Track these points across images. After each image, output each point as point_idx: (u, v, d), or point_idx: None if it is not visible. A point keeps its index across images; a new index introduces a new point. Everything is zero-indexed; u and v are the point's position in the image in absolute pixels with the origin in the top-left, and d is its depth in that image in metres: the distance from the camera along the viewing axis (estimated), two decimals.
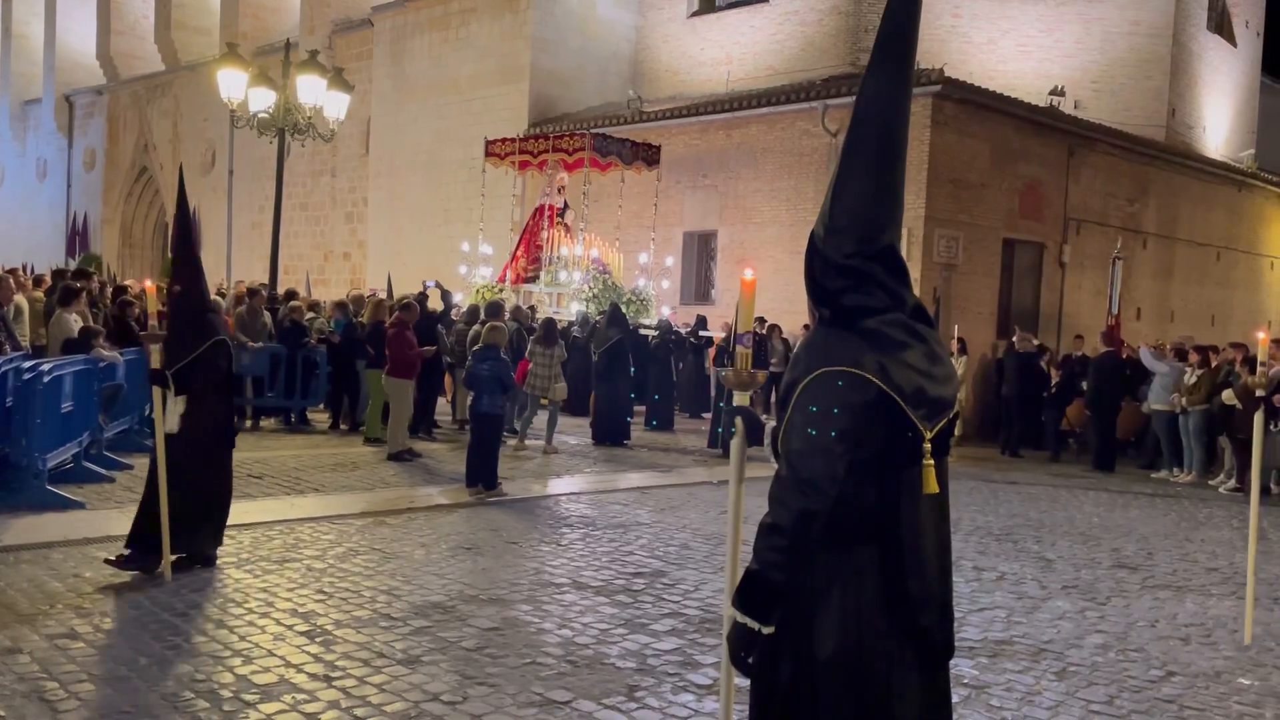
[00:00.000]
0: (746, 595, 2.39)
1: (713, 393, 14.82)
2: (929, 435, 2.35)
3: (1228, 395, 11.99)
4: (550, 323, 12.56)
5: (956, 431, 3.42)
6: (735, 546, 2.82)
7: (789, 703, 2.44)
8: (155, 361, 5.91)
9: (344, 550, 6.86)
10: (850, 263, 2.43)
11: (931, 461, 2.34)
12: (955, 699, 4.53)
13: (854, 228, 2.44)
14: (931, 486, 2.34)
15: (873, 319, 2.38)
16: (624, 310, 14.77)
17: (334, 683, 4.49)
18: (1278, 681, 5.19)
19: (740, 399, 2.77)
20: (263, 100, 14.55)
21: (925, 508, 2.37)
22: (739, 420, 2.70)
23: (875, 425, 2.30)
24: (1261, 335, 6.08)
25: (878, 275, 2.42)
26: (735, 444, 2.73)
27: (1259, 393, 6.06)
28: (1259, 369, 6.11)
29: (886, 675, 2.37)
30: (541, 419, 12.38)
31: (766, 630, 2.38)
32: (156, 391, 5.90)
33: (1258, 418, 5.99)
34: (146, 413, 10.69)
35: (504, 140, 18.81)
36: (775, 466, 2.55)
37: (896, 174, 2.49)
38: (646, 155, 17.93)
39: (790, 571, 2.34)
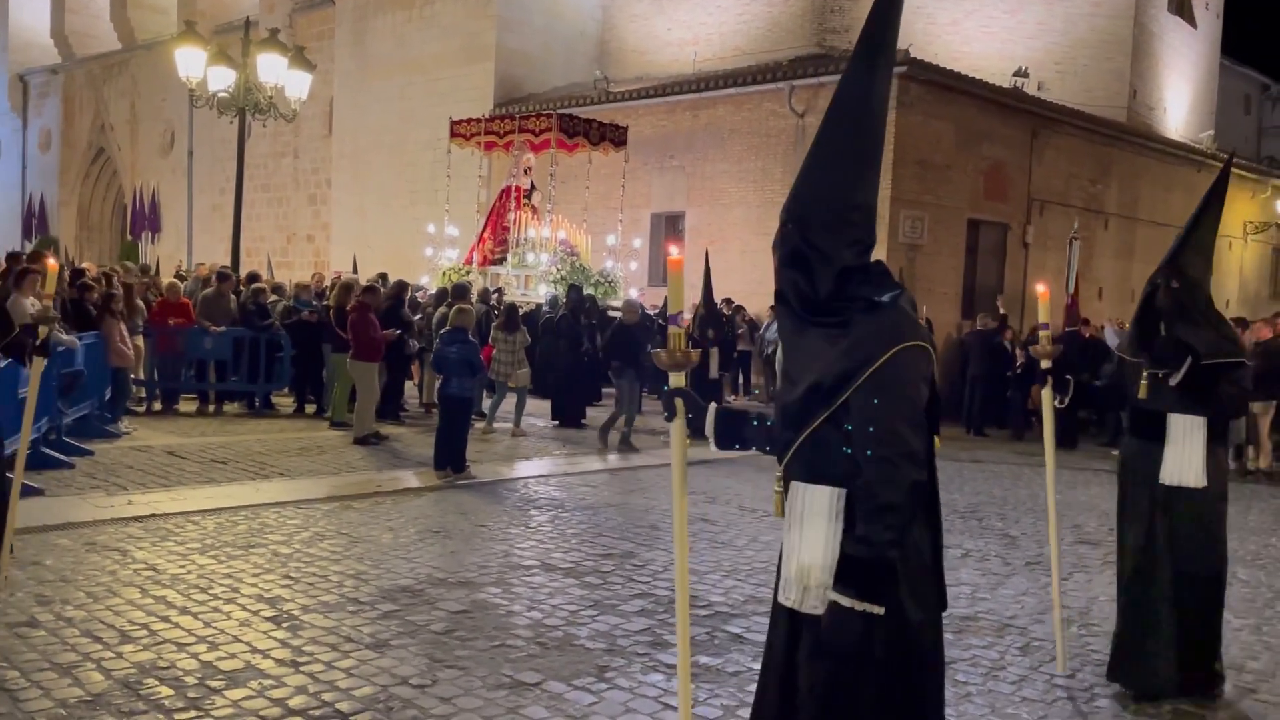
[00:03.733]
0: (866, 582, 2.33)
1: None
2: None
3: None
4: (512, 309, 12.53)
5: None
6: (682, 525, 2.78)
7: (887, 674, 2.42)
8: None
9: (310, 535, 6.80)
10: (859, 250, 2.50)
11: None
12: None
13: (862, 221, 2.50)
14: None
15: (901, 298, 2.49)
16: (583, 292, 14.78)
17: (301, 668, 4.46)
18: (1236, 654, 5.29)
19: (676, 380, 2.75)
20: (222, 79, 14.32)
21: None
22: (678, 402, 2.70)
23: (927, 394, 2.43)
24: (1041, 289, 4.69)
25: (879, 264, 2.54)
26: (676, 425, 2.72)
27: (1044, 364, 4.64)
28: (1042, 334, 4.68)
29: (938, 634, 2.53)
30: (510, 402, 12.35)
31: (880, 611, 2.34)
32: (39, 364, 5.29)
33: (1045, 394, 4.67)
34: (106, 398, 10.56)
35: (469, 121, 18.63)
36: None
37: (879, 165, 2.60)
38: (613, 136, 17.84)
39: (901, 547, 2.37)
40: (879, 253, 12.34)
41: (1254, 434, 11.62)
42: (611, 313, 16.14)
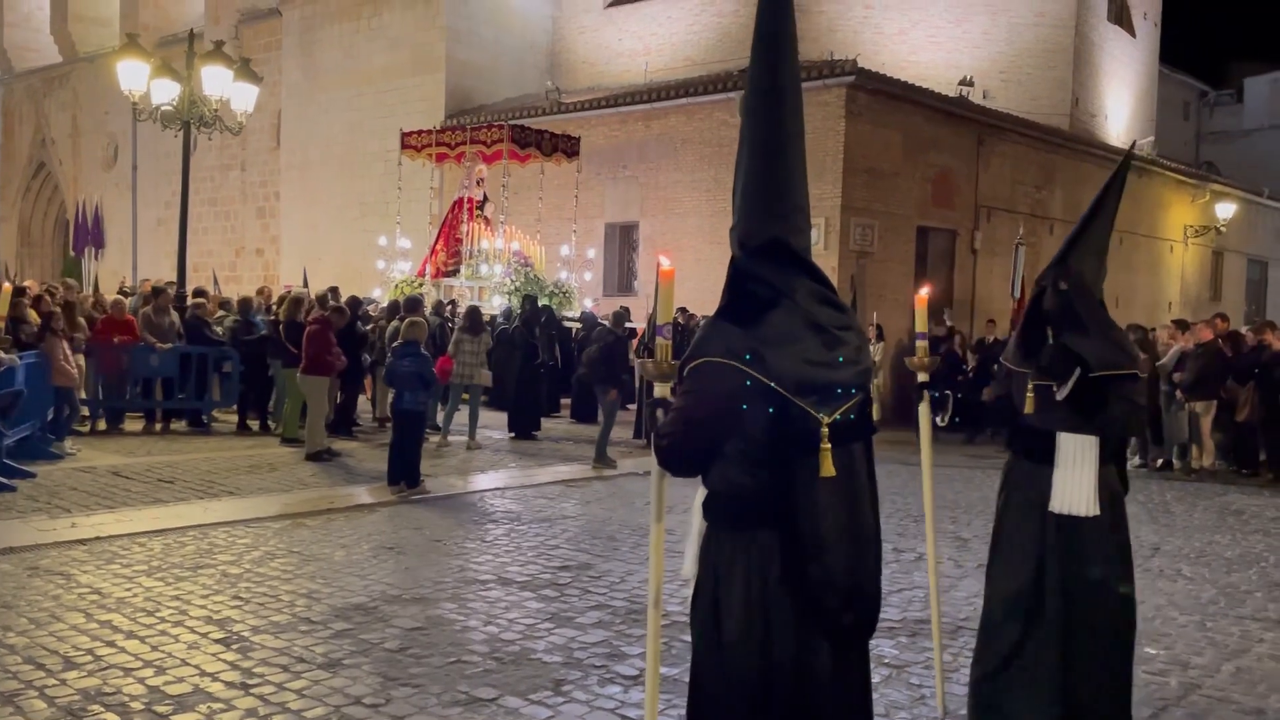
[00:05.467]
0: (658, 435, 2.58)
1: (637, 384, 14.85)
2: (826, 420, 2.41)
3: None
4: (475, 311, 12.50)
5: (876, 416, 3.45)
6: (658, 537, 2.81)
7: (708, 685, 2.49)
8: None
9: (261, 554, 6.69)
10: (738, 257, 2.53)
11: (828, 446, 2.40)
12: (876, 679, 4.62)
13: (740, 225, 2.55)
14: (828, 470, 2.41)
15: (765, 312, 2.45)
16: (539, 303, 14.75)
17: (251, 690, 4.38)
18: (1181, 650, 5.40)
19: (661, 390, 2.76)
20: (166, 92, 14.07)
21: (827, 492, 2.43)
22: (660, 412, 2.70)
23: (753, 412, 2.39)
24: (921, 293, 4.25)
25: (760, 270, 2.50)
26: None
27: (921, 376, 4.22)
28: (919, 345, 4.28)
29: (795, 655, 2.42)
30: (463, 414, 12.27)
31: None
32: None
33: (924, 409, 4.23)
34: (48, 418, 10.32)
35: (420, 132, 18.52)
36: None
37: (778, 165, 2.55)
38: (566, 147, 17.84)
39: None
40: (830, 261, 12.43)
41: (1196, 433, 11.88)
42: (566, 323, 16.13)
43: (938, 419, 4.08)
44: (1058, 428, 3.83)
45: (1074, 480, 3.79)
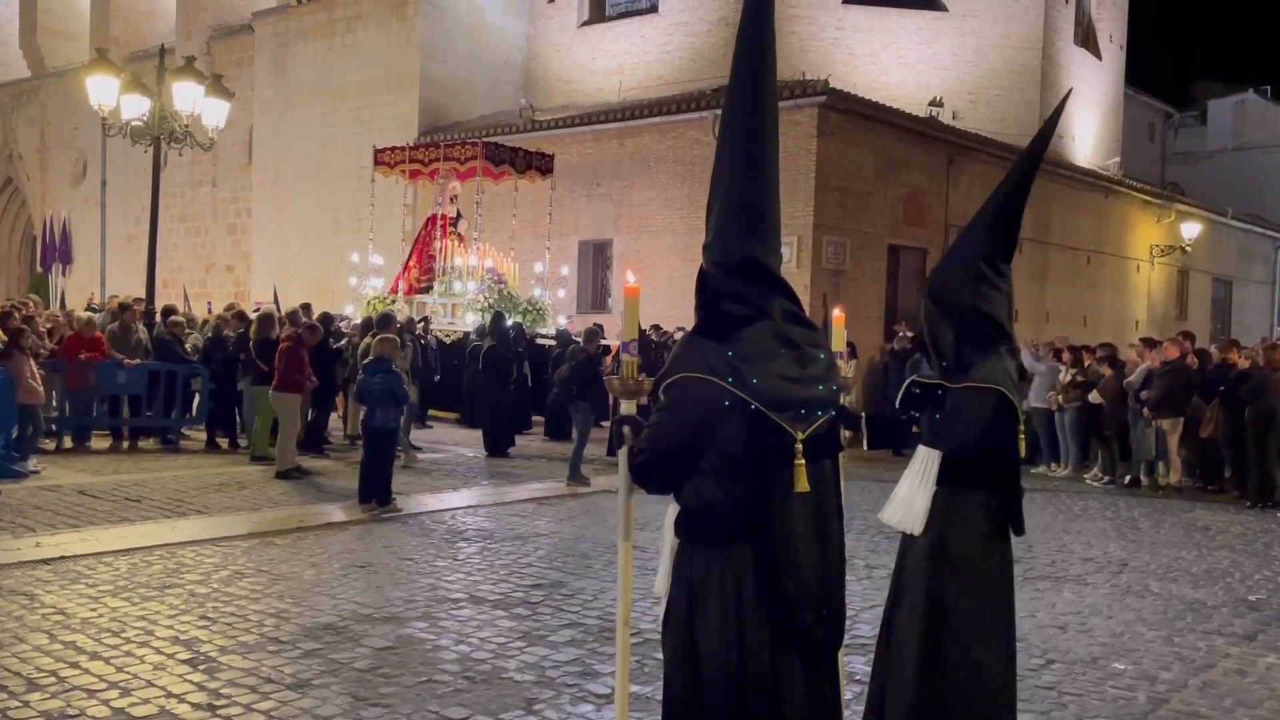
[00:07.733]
0: (632, 456, 2.63)
1: (610, 400, 14.84)
2: (800, 436, 2.44)
3: (1094, 395, 12.58)
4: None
5: (848, 433, 3.46)
6: (626, 554, 2.82)
7: (681, 700, 2.50)
8: None
9: (229, 573, 6.61)
10: (713, 275, 2.56)
11: (802, 461, 2.43)
12: (848, 695, 4.62)
13: (716, 243, 2.59)
14: (802, 485, 2.44)
15: (741, 329, 2.48)
16: (508, 319, 14.69)
17: (218, 711, 4.32)
18: (1149, 665, 5.45)
19: (627, 407, 2.77)
20: (136, 108, 13.96)
21: (800, 507, 2.45)
22: (627, 430, 2.71)
23: (730, 428, 2.41)
24: (837, 313, 4.21)
25: (737, 287, 2.53)
26: (623, 453, 2.74)
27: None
28: (838, 363, 3.91)
29: (770, 668, 2.44)
30: (441, 431, 12.17)
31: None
32: None
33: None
34: (13, 435, 10.17)
35: (393, 149, 18.50)
36: None
37: (756, 186, 2.58)
38: (540, 164, 17.87)
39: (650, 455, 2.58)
40: (802, 279, 12.53)
41: (1163, 450, 12.02)
42: (540, 340, 16.10)
43: (861, 441, 3.83)
44: (922, 442, 3.72)
45: (910, 492, 3.61)
